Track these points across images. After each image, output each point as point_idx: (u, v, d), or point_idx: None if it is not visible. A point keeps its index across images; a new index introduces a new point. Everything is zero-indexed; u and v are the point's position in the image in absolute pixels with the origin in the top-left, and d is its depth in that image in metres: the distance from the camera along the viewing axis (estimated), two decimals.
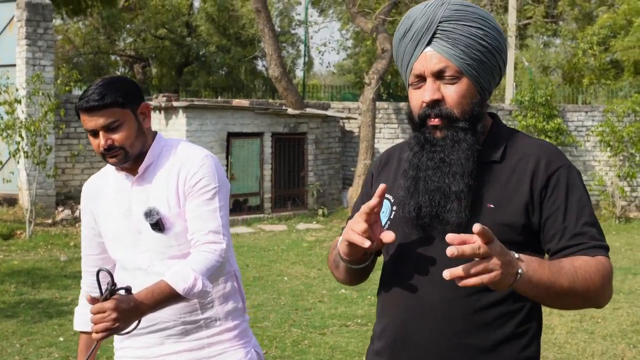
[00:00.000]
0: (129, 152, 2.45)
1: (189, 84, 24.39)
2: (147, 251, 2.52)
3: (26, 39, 12.17)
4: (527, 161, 1.82)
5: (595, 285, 1.68)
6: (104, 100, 2.38)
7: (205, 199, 2.47)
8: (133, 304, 2.20)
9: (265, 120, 13.35)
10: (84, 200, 2.69)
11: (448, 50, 1.78)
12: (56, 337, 6.21)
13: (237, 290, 2.66)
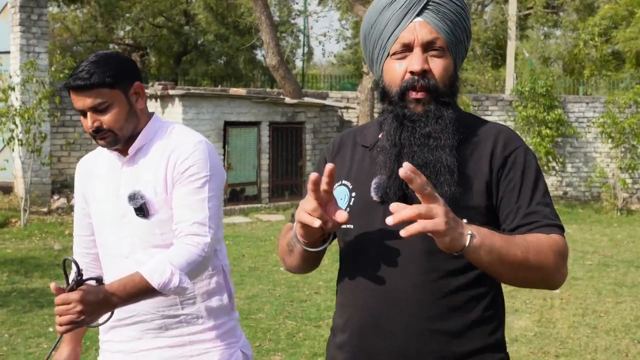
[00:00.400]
0: (118, 135, 2.32)
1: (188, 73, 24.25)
2: (130, 237, 2.38)
3: (20, 25, 12.02)
4: (486, 143, 1.81)
5: (548, 260, 1.65)
6: (91, 80, 2.24)
7: (194, 187, 2.32)
8: (102, 296, 2.08)
9: (263, 109, 13.22)
10: (76, 179, 2.56)
11: (438, 24, 1.78)
12: (46, 328, 6.11)
13: (223, 286, 2.51)
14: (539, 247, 1.65)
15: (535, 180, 1.79)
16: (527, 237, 1.67)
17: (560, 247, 1.69)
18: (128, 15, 25.44)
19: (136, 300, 2.20)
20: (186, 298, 2.40)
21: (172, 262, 2.20)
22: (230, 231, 11.16)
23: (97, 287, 2.08)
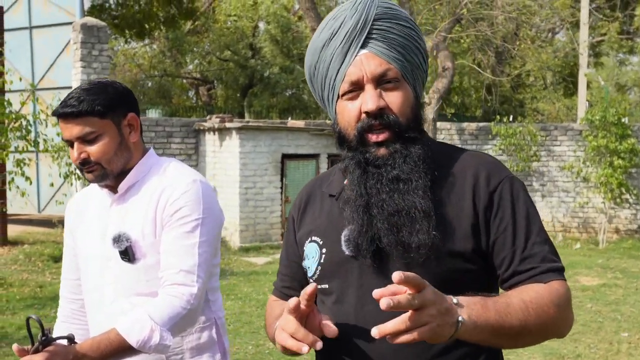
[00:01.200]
0: (106, 169, 2.12)
1: (253, 106, 24.38)
2: (113, 283, 2.15)
3: (81, 60, 12.22)
4: (465, 178, 1.59)
5: (550, 317, 1.48)
6: (80, 107, 2.06)
7: (183, 231, 2.10)
8: (72, 358, 1.82)
9: (321, 141, 13.01)
10: (67, 216, 2.36)
11: (386, 52, 1.56)
12: None
13: (215, 341, 2.26)
14: (539, 307, 1.46)
15: (527, 216, 1.59)
16: (524, 297, 1.47)
17: (561, 295, 1.51)
18: (196, 49, 25.84)
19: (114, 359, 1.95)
20: (173, 353, 2.15)
21: (152, 317, 1.96)
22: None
23: (67, 347, 1.84)
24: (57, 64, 13.09)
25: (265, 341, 6.76)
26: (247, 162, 12.21)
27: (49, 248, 10.92)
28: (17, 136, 8.96)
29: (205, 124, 13.13)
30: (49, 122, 10.16)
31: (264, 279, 9.70)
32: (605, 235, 13.41)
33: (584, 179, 14.26)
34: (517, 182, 1.63)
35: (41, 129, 10.47)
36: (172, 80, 26.97)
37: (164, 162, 2.26)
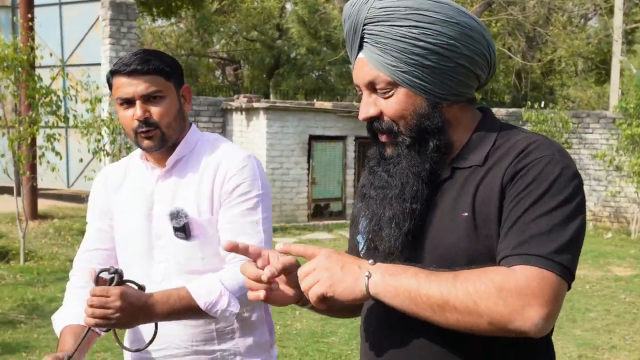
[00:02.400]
0: (165, 134, 2.06)
1: (280, 87, 24.34)
2: (164, 262, 2.10)
3: (110, 37, 12.24)
4: (507, 158, 1.47)
5: (483, 297, 1.33)
6: (150, 65, 2.02)
7: (245, 208, 2.07)
8: (143, 302, 1.82)
9: (349, 123, 12.93)
10: (97, 190, 2.26)
11: (378, 58, 1.49)
12: (113, 342, 5.97)
13: (264, 321, 2.23)
14: (470, 282, 1.34)
15: (544, 194, 1.39)
16: (460, 273, 1.37)
17: (513, 281, 1.33)
18: (222, 29, 25.81)
19: (177, 318, 1.95)
20: (224, 332, 2.12)
21: (223, 283, 1.96)
22: None
23: (139, 291, 1.83)
24: (86, 40, 13.11)
25: (293, 321, 6.75)
26: (274, 142, 12.18)
27: (78, 223, 10.99)
28: (47, 111, 8.97)
29: (232, 103, 13.11)
30: (79, 98, 10.19)
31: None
32: (637, 225, 13.21)
33: (617, 168, 14.05)
34: (558, 164, 1.44)
35: (71, 104, 10.50)
36: (199, 60, 26.96)
37: (211, 137, 2.21)
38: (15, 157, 8.69)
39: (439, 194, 1.51)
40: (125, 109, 2.06)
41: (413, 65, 1.47)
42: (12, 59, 8.36)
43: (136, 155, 2.23)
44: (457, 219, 1.46)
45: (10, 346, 5.75)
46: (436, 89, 1.49)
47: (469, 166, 1.51)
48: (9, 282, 7.81)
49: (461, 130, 1.55)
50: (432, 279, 1.36)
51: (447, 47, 1.46)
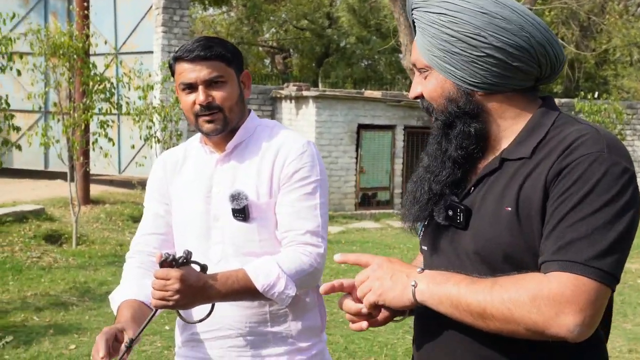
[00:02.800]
0: (227, 117, 2.12)
1: (329, 76, 24.32)
2: (221, 243, 2.14)
3: (162, 26, 12.38)
4: (554, 153, 1.43)
5: (517, 306, 1.34)
6: (212, 51, 2.08)
7: (304, 193, 2.11)
8: (202, 283, 1.88)
9: (398, 112, 12.87)
10: (156, 174, 2.31)
11: (419, 41, 1.57)
12: (162, 325, 6.07)
13: (316, 305, 2.25)
14: (505, 291, 1.36)
15: (586, 195, 1.36)
16: (498, 280, 1.39)
17: (547, 290, 1.33)
18: (273, 18, 25.89)
19: (234, 299, 2.01)
20: (277, 315, 2.15)
21: (281, 266, 2.00)
22: (359, 236, 10.91)
23: (199, 272, 1.89)
24: (139, 28, 13.28)
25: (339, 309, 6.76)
26: (322, 131, 12.19)
27: (129, 208, 11.18)
28: (101, 98, 9.13)
29: (282, 91, 13.15)
30: (131, 86, 10.35)
31: (336, 248, 9.70)
32: None
33: None
34: (604, 162, 1.38)
35: (124, 92, 10.67)
36: (249, 48, 27.11)
37: (270, 124, 2.26)
38: (69, 143, 8.86)
39: (488, 186, 1.51)
40: (187, 94, 2.11)
41: (443, 50, 1.51)
42: (68, 46, 8.51)
43: (195, 140, 2.28)
44: (501, 213, 1.45)
45: (63, 327, 5.89)
46: (466, 75, 1.51)
47: (517, 158, 1.49)
48: (62, 265, 8.00)
49: (510, 121, 1.53)
50: (472, 287, 1.39)
51: (472, 36, 1.48)
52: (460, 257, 1.51)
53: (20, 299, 6.60)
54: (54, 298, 6.71)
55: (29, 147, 9.89)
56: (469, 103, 1.51)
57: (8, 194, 11.28)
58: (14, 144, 7.75)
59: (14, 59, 7.67)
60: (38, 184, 13.11)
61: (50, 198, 11.18)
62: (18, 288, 6.94)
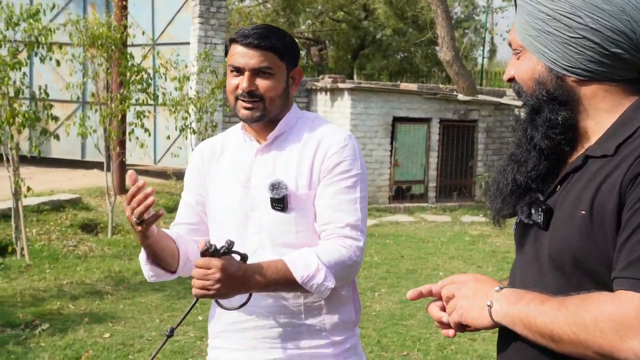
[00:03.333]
0: (267, 108, 2.13)
1: (364, 68, 24.23)
2: (258, 233, 2.15)
3: (199, 17, 12.42)
4: (635, 152, 1.30)
5: (583, 327, 1.25)
6: (266, 41, 2.10)
7: (344, 186, 2.12)
8: (242, 273, 1.90)
9: (434, 105, 12.76)
10: (195, 163, 2.34)
11: (516, 19, 1.51)
12: (196, 316, 6.11)
13: (351, 299, 2.24)
14: (572, 312, 1.27)
15: None
16: (566, 299, 1.30)
17: (609, 312, 1.23)
18: (309, 9, 25.86)
19: (273, 289, 2.03)
20: (311, 307, 2.15)
21: (320, 257, 2.00)
22: (393, 229, 10.86)
23: (240, 262, 1.92)
24: (176, 19, 13.34)
25: (372, 303, 6.74)
26: (357, 123, 12.14)
27: (164, 199, 11.26)
28: (138, 89, 9.20)
29: (317, 83, 13.13)
30: (168, 77, 10.40)
31: (369, 241, 9.66)
32: None
33: None
34: None
35: (160, 82, 10.73)
36: None
37: (311, 116, 2.28)
38: (106, 133, 8.95)
39: (571, 185, 1.41)
40: (234, 76, 2.14)
41: (537, 30, 1.44)
42: (106, 37, 8.59)
43: (236, 129, 2.31)
44: (575, 216, 1.35)
45: (98, 316, 5.96)
46: (559, 58, 1.42)
47: (600, 155, 1.37)
48: (97, 254, 8.09)
49: (603, 114, 1.42)
50: (540, 308, 1.33)
51: (567, 15, 1.39)
52: (539, 259, 1.44)
53: (56, 287, 6.69)
54: (89, 287, 6.79)
55: (66, 137, 10.01)
56: (559, 88, 1.42)
57: (46, 183, 11.44)
58: (53, 134, 7.83)
59: (54, 50, 7.74)
60: (75, 174, 13.27)
61: (86, 187, 11.31)
62: (54, 276, 7.04)
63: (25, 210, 7.77)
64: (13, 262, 7.39)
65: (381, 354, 5.44)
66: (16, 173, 7.44)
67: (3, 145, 7.41)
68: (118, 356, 5.09)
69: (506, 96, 14.99)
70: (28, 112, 7.29)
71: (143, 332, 5.63)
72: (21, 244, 7.60)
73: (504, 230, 1.62)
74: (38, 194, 9.21)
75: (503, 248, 9.93)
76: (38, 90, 7.63)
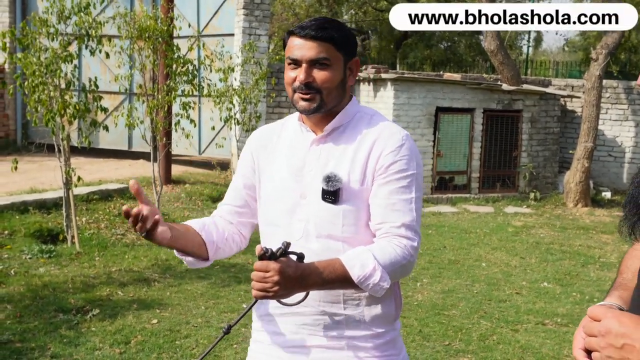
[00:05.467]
0: (324, 100, 2.15)
1: (407, 58, 24.09)
2: (304, 221, 2.18)
3: (244, 8, 12.52)
4: None
5: None
6: (324, 32, 2.12)
7: (400, 185, 2.13)
8: (300, 273, 1.94)
9: (478, 95, 12.67)
10: (249, 147, 2.39)
11: None
12: (240, 304, 6.22)
13: (391, 294, 2.26)
14: None
15: None
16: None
17: None
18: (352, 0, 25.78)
19: (329, 288, 2.06)
20: (351, 298, 2.19)
21: (376, 257, 2.02)
22: (435, 220, 10.85)
23: (297, 263, 1.96)
24: (221, 11, 13.46)
25: (414, 293, 6.77)
26: (400, 113, 12.13)
27: (208, 189, 11.44)
28: (183, 80, 9.32)
29: (360, 74, 13.13)
30: (213, 68, 10.52)
31: None
32: None
33: None
34: None
35: (205, 74, 10.87)
36: None
37: (369, 112, 2.28)
38: (153, 124, 9.10)
39: None
40: (292, 68, 2.16)
41: None
42: (153, 30, 8.72)
43: (293, 117, 2.34)
44: None
45: (145, 302, 6.11)
46: None
47: None
48: (144, 242, 8.24)
49: None
50: None
51: None
52: None
53: (105, 274, 6.87)
54: (137, 274, 6.95)
55: (114, 127, 10.20)
56: None
57: (95, 173, 11.70)
58: (102, 125, 8.01)
59: (104, 42, 7.90)
60: (122, 164, 13.53)
61: (133, 177, 11.52)
62: (104, 264, 7.22)
63: (75, 200, 7.97)
64: (64, 249, 7.61)
65: (423, 343, 5.48)
66: (67, 163, 7.64)
67: (55, 136, 7.61)
68: (165, 342, 5.22)
69: (551, 86, 14.80)
70: (79, 104, 7.47)
71: (189, 318, 5.76)
72: (72, 232, 7.81)
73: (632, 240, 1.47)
74: (87, 184, 9.44)
75: (547, 239, 9.86)
76: (88, 82, 7.81)
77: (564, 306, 6.65)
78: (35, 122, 7.53)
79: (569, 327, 5.98)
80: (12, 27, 9.97)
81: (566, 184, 12.94)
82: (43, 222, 8.34)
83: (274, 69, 12.96)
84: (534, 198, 12.94)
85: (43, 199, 9.08)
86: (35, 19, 7.47)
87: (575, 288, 7.30)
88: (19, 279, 6.50)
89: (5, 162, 10.39)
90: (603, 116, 14.02)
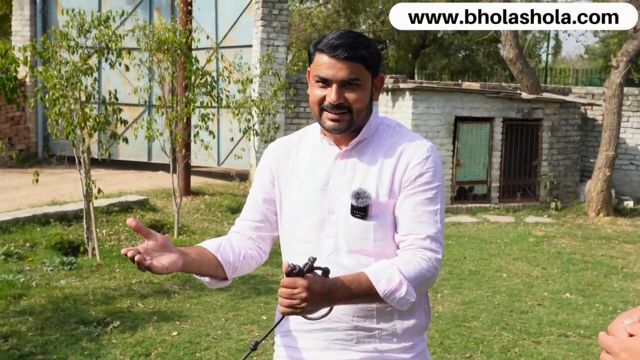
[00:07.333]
0: (354, 119, 2.12)
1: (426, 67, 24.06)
2: (334, 236, 2.16)
3: (262, 20, 12.56)
4: None
5: None
6: (356, 52, 2.07)
7: (426, 197, 2.12)
8: (327, 289, 1.92)
9: (497, 104, 12.60)
10: (267, 160, 2.34)
11: None
12: (260, 315, 6.21)
13: (422, 305, 2.26)
14: None
15: None
16: None
17: None
18: (369, 9, 25.82)
19: (355, 302, 2.04)
20: (384, 312, 2.17)
21: (401, 270, 2.01)
22: (455, 230, 10.78)
23: (323, 278, 1.94)
24: (239, 22, 13.53)
25: (435, 304, 6.73)
26: (419, 123, 12.10)
27: (227, 200, 11.45)
28: (202, 92, 9.36)
29: None
30: (231, 79, 10.56)
31: None
32: None
33: None
34: None
35: (223, 85, 10.91)
36: None
37: (392, 123, 2.26)
38: (172, 135, 9.13)
39: None
40: (320, 87, 2.11)
41: None
42: (172, 42, 8.77)
43: (313, 130, 2.30)
44: None
45: (166, 314, 6.12)
46: None
47: None
48: None
49: None
50: None
51: None
52: None
53: (126, 286, 6.89)
54: (157, 286, 6.96)
55: (134, 139, 10.26)
56: None
57: (115, 185, 11.76)
58: (122, 137, 8.06)
59: (123, 55, 7.96)
60: (141, 175, 13.60)
61: (153, 189, 11.58)
62: (124, 275, 7.24)
63: (95, 212, 8.01)
64: (85, 261, 7.64)
65: (444, 355, 5.43)
66: (88, 175, 7.68)
67: (75, 149, 7.66)
68: (186, 354, 5.22)
69: (572, 94, 14.70)
70: (99, 116, 7.52)
71: (209, 330, 5.76)
72: (92, 244, 7.85)
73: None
74: (107, 196, 9.48)
75: (569, 249, 9.76)
76: (108, 94, 7.86)
77: (587, 317, 6.57)
78: (56, 135, 7.60)
79: (592, 339, 5.90)
80: (33, 41, 10.09)
81: (587, 193, 12.82)
82: (64, 234, 8.39)
83: (292, 80, 12.99)
84: (555, 207, 12.83)
85: (64, 211, 9.15)
86: (56, 33, 7.55)
87: (598, 299, 7.21)
88: (40, 291, 6.53)
89: (26, 175, 10.49)
90: (624, 124, 13.89)
